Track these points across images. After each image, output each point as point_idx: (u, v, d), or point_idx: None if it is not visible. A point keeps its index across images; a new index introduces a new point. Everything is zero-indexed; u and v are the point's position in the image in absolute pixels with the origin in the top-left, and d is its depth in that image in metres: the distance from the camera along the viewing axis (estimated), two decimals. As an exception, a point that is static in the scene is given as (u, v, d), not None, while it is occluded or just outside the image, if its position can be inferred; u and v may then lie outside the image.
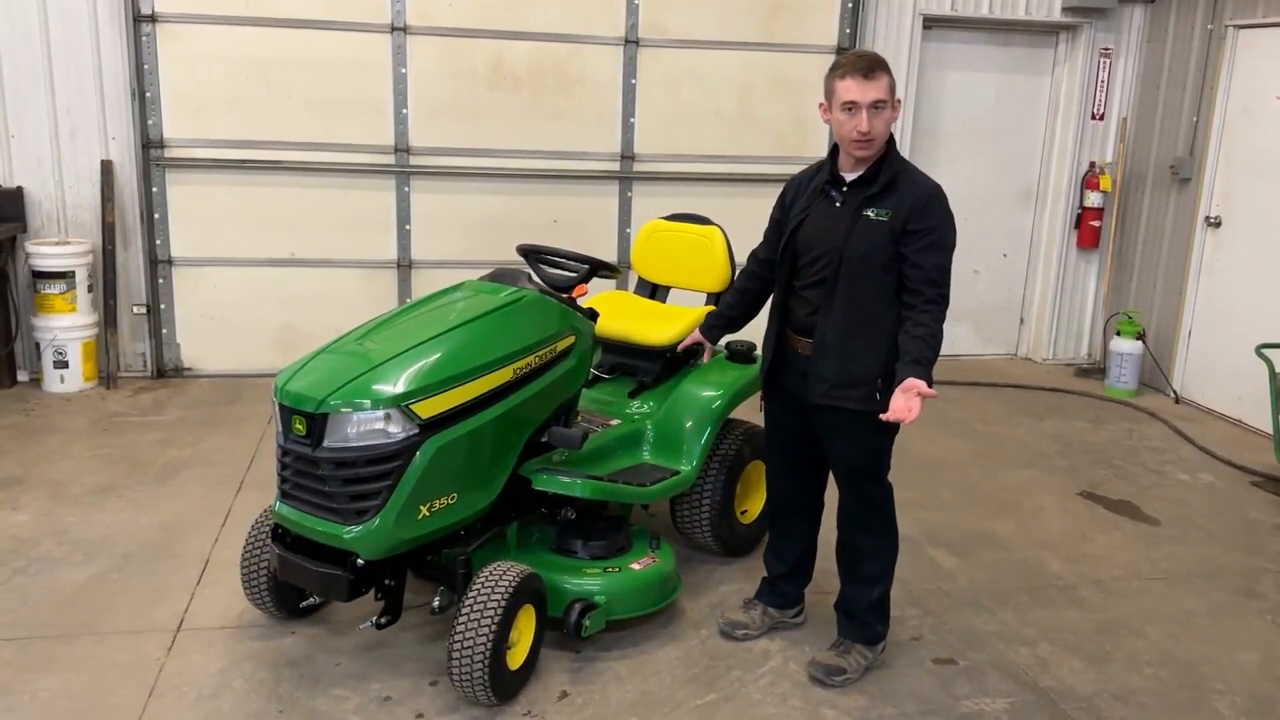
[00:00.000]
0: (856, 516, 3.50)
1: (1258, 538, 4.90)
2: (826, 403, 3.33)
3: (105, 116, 6.34)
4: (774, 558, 3.80)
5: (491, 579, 3.22)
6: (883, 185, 3.24)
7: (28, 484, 4.91)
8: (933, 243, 3.19)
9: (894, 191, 3.23)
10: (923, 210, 3.19)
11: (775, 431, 3.66)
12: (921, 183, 3.26)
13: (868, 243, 3.22)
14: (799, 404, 3.44)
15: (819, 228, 3.34)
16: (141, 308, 6.60)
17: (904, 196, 3.22)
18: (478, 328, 3.47)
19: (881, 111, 3.19)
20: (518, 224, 6.72)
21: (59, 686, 3.32)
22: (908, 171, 3.30)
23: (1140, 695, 3.53)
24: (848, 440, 3.39)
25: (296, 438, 3.18)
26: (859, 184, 3.30)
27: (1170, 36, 7.25)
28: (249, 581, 3.62)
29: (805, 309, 3.38)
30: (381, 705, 3.28)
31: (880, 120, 3.20)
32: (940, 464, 5.69)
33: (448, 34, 6.64)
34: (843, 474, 3.48)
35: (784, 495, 3.73)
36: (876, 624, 3.57)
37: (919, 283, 3.20)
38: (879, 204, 3.24)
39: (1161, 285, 7.32)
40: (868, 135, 3.19)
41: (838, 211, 3.32)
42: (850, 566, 3.55)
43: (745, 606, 3.79)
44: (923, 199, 3.21)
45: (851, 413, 3.30)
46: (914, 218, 3.19)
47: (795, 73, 7.14)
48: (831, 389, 3.30)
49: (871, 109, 3.17)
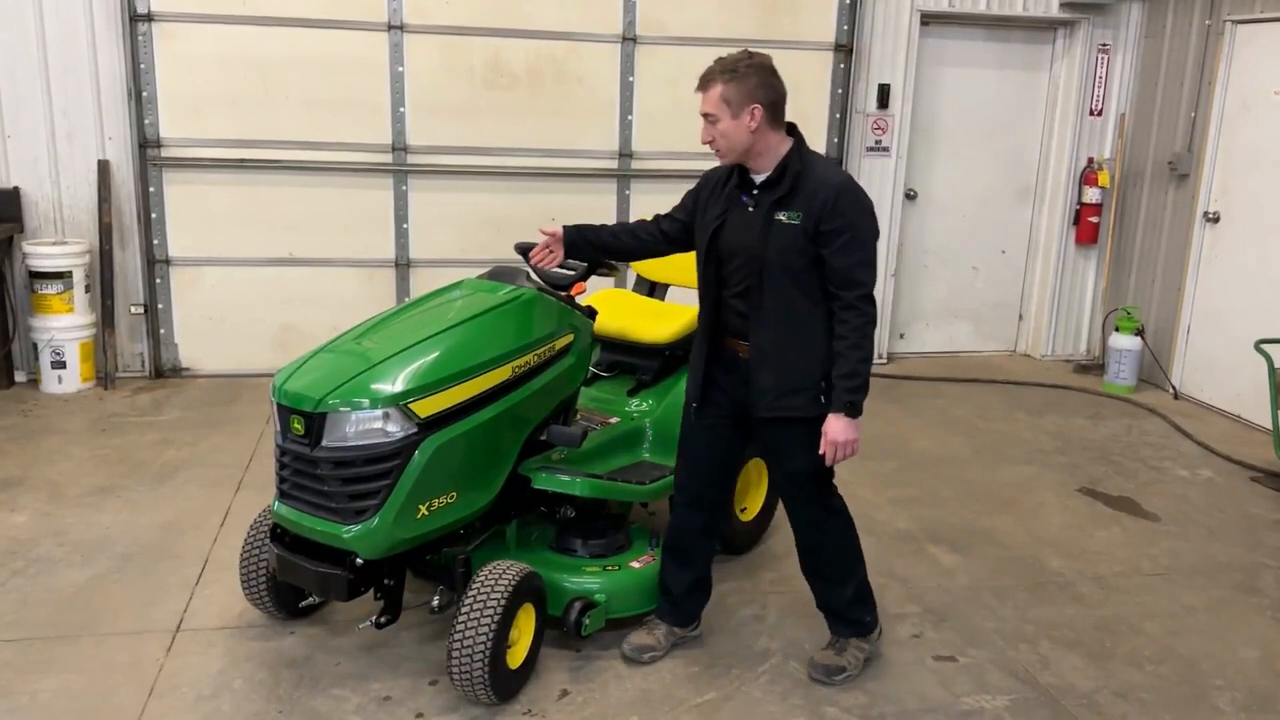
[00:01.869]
0: (809, 522, 3.44)
1: (1257, 533, 4.89)
2: (771, 415, 3.25)
3: (102, 116, 6.33)
4: (678, 573, 3.62)
5: (491, 578, 3.21)
6: (789, 187, 3.16)
7: (26, 485, 4.90)
8: (847, 241, 3.09)
9: (801, 191, 3.13)
10: (833, 209, 3.08)
11: (697, 439, 3.49)
12: (829, 180, 3.14)
13: (784, 247, 3.13)
14: (741, 412, 3.35)
15: (738, 234, 3.25)
16: (139, 308, 6.59)
17: (812, 196, 3.11)
18: (476, 326, 3.46)
19: (715, 122, 3.15)
20: (516, 222, 6.70)
21: (59, 687, 3.32)
22: (814, 169, 3.18)
23: (1141, 692, 3.52)
24: (796, 448, 3.29)
25: (295, 437, 3.17)
26: (767, 187, 3.21)
27: (1168, 32, 7.24)
28: (248, 581, 3.62)
29: (737, 317, 3.30)
30: (381, 705, 3.27)
31: (718, 131, 3.16)
32: (939, 461, 5.69)
33: (445, 32, 6.63)
34: (789, 482, 3.40)
35: (693, 507, 3.57)
36: (864, 615, 3.56)
37: (839, 285, 3.12)
38: (788, 206, 3.14)
39: (1160, 281, 7.31)
40: (708, 144, 3.19)
41: (751, 216, 3.22)
42: (819, 572, 3.52)
43: (649, 629, 3.62)
44: (831, 197, 3.09)
45: (799, 420, 3.24)
46: (825, 218, 3.08)
47: (794, 70, 6.99)
48: (775, 400, 3.23)
49: (706, 120, 3.17)
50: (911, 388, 7.15)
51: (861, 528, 4.69)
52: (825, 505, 3.44)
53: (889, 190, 7.44)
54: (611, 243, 3.64)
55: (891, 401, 6.80)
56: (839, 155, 7.27)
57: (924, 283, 7.90)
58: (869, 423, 6.21)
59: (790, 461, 3.35)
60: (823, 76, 7.21)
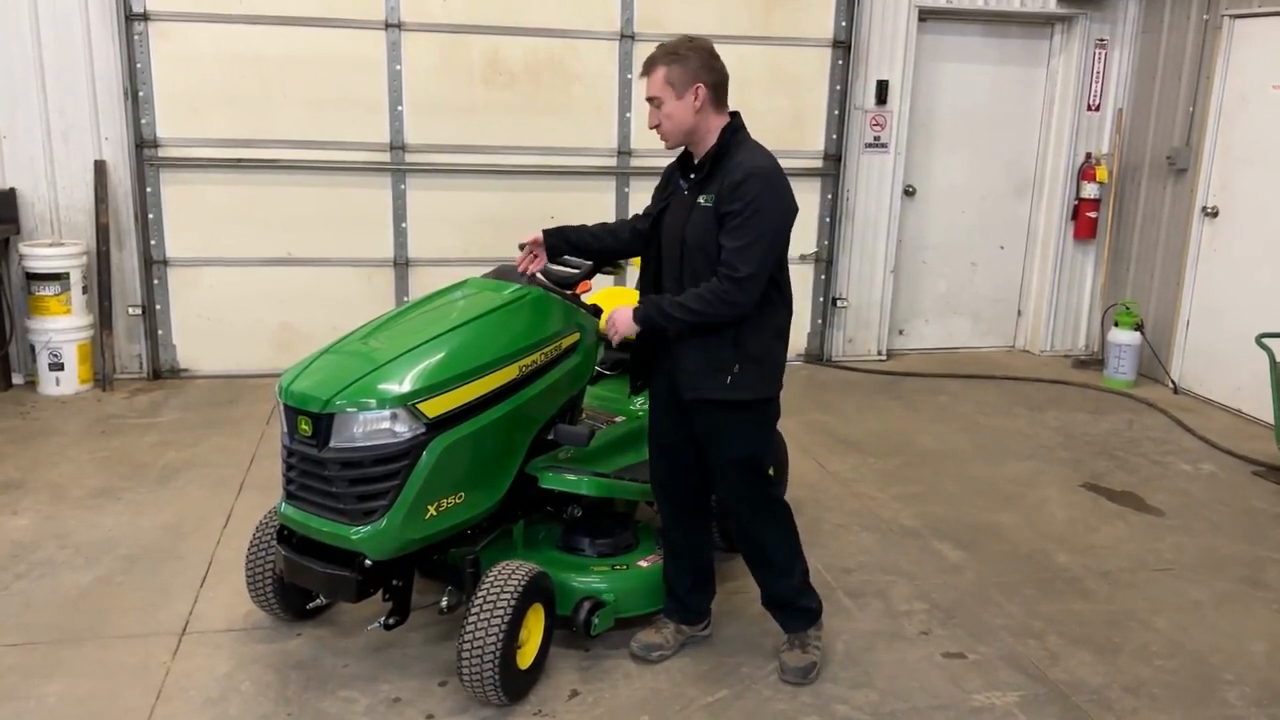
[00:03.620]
0: (748, 511, 3.42)
1: (1261, 527, 4.90)
2: (694, 396, 3.26)
3: (98, 116, 6.29)
4: (678, 571, 3.61)
5: (501, 578, 3.20)
6: (708, 169, 3.20)
7: (27, 488, 4.87)
8: (739, 225, 3.07)
9: (717, 176, 3.17)
10: (733, 193, 3.08)
11: (659, 426, 3.51)
12: (742, 163, 3.13)
13: (701, 229, 3.16)
14: (678, 398, 3.34)
15: (672, 219, 3.30)
16: (137, 309, 6.56)
17: (723, 179, 3.13)
18: (482, 326, 3.44)
19: (659, 106, 3.18)
20: (515, 221, 6.66)
21: (65, 691, 3.29)
22: (734, 154, 3.18)
23: (1151, 687, 3.52)
24: (722, 433, 3.30)
25: (302, 438, 3.15)
26: (698, 169, 3.25)
27: (1165, 27, 7.25)
28: (254, 583, 3.60)
29: None
30: (391, 706, 3.26)
31: (663, 114, 3.18)
32: (942, 457, 5.68)
33: (443, 30, 6.60)
34: (723, 470, 3.37)
35: (674, 499, 3.56)
36: (811, 602, 3.54)
37: (721, 263, 3.10)
38: (707, 189, 3.18)
39: (1159, 276, 7.32)
40: (655, 128, 3.21)
41: (684, 200, 3.27)
42: (762, 561, 3.50)
43: (657, 627, 3.62)
44: (736, 181, 3.09)
45: (718, 403, 3.24)
46: (724, 200, 3.10)
47: (792, 67, 7.12)
48: (691, 380, 3.25)
49: (652, 104, 3.19)
50: (912, 384, 7.15)
51: (866, 524, 4.74)
52: (764, 493, 3.43)
53: (887, 186, 7.44)
54: (591, 243, 3.66)
55: (893, 398, 6.80)
56: (838, 152, 7.27)
57: (923, 279, 7.89)
58: (869, 418, 6.28)
59: (721, 448, 3.34)
60: (821, 73, 7.20)
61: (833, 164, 7.32)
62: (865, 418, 6.35)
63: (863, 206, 7.44)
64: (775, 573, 3.50)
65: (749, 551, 3.52)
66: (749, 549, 3.51)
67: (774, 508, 3.46)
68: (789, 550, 3.50)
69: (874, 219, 7.48)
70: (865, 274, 7.57)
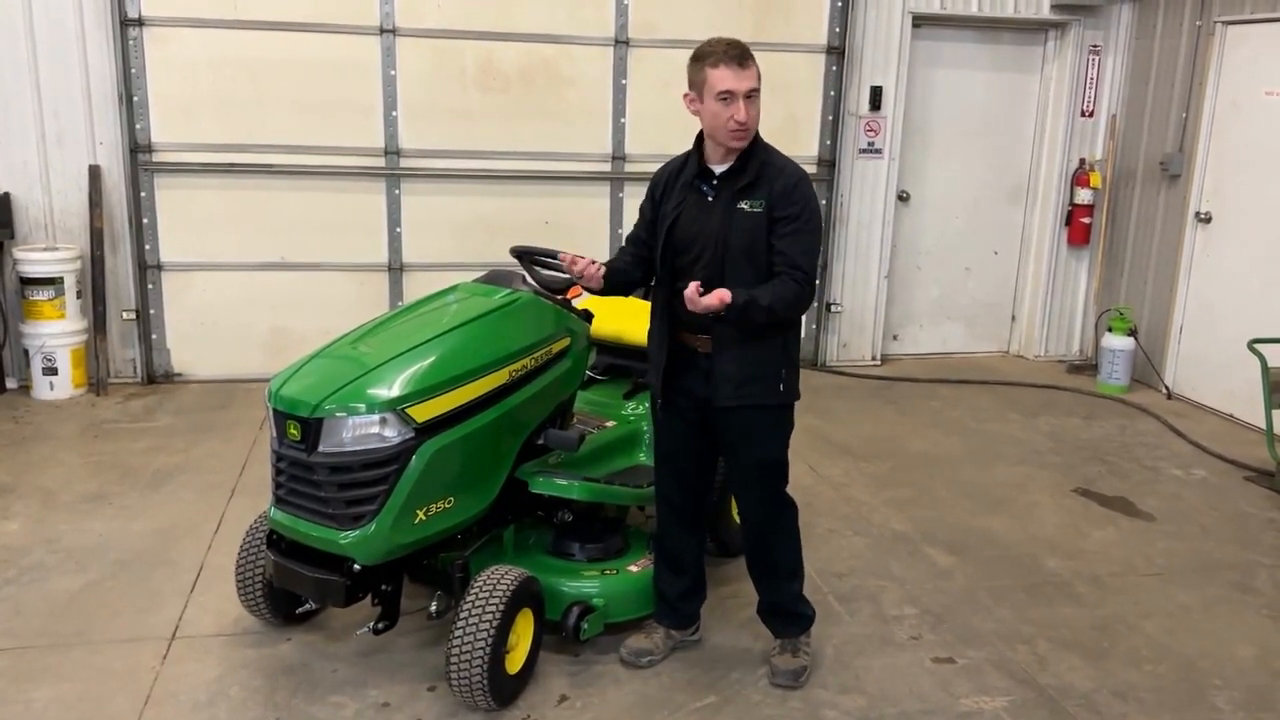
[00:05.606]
0: (766, 514, 3.44)
1: (1251, 532, 4.91)
2: (734, 403, 3.26)
3: (93, 121, 6.30)
4: (671, 576, 3.61)
5: (489, 583, 3.20)
6: (753, 176, 3.20)
7: (18, 492, 4.87)
8: (798, 228, 3.15)
9: (764, 180, 3.19)
10: (789, 196, 3.16)
11: (669, 437, 3.49)
12: (788, 169, 3.22)
13: (747, 235, 3.17)
14: (702, 405, 3.34)
15: (695, 224, 3.26)
16: (131, 313, 6.56)
17: (773, 184, 3.17)
18: (473, 330, 3.45)
19: (755, 100, 3.18)
20: (509, 225, 6.70)
21: (54, 696, 3.29)
22: (774, 158, 3.25)
23: (1139, 691, 3.53)
24: (757, 436, 3.32)
25: (291, 443, 3.16)
26: (729, 176, 3.23)
27: (1159, 33, 7.27)
28: (244, 588, 3.60)
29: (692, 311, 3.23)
30: (379, 711, 3.26)
31: (755, 109, 3.18)
32: (934, 461, 5.69)
33: (437, 35, 6.61)
34: (751, 472, 3.39)
35: (675, 507, 3.55)
36: (807, 609, 3.58)
37: (783, 266, 3.16)
38: (751, 195, 3.19)
39: (1152, 281, 7.34)
40: (744, 125, 3.15)
41: (711, 205, 3.25)
42: (770, 565, 3.51)
43: (646, 632, 3.62)
44: (789, 185, 3.17)
45: (760, 408, 3.27)
46: (780, 204, 3.15)
47: (785, 72, 7.13)
48: (737, 389, 3.24)
49: (746, 98, 3.14)
50: (905, 389, 7.16)
51: (857, 529, 4.74)
52: (781, 497, 3.45)
53: (881, 192, 7.46)
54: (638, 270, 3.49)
55: (885, 403, 6.80)
56: (832, 158, 7.29)
57: (916, 284, 7.91)
58: (862, 423, 6.29)
59: (754, 449, 3.35)
60: (815, 79, 7.22)
61: (827, 169, 7.33)
62: (858, 422, 6.35)
63: (857, 212, 7.45)
64: (781, 577, 3.52)
65: (758, 557, 3.53)
66: (758, 553, 3.52)
67: (788, 510, 3.49)
68: (796, 555, 3.52)
69: (868, 224, 7.50)
70: (859, 279, 7.58)
